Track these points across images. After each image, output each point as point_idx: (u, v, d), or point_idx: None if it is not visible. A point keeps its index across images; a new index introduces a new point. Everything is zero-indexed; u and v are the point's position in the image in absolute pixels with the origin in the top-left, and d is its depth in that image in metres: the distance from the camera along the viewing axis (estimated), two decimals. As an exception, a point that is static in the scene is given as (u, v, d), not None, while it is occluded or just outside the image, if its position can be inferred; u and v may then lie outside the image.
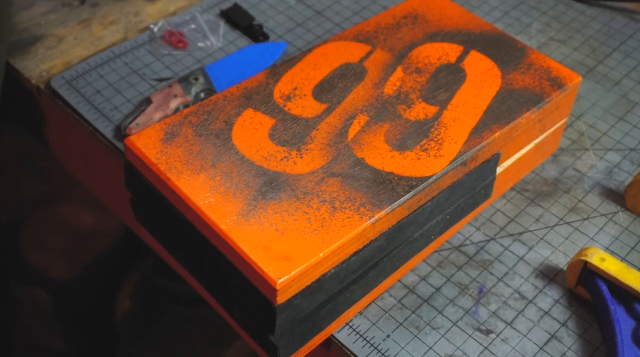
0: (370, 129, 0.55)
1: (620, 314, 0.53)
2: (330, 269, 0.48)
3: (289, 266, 0.45)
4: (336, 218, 0.48)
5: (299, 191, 0.50)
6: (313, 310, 0.49)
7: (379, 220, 0.49)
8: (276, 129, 0.54)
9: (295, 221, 0.48)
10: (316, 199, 0.49)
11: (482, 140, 0.54)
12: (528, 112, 0.56)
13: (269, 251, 0.46)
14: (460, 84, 0.58)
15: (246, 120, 0.54)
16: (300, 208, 0.49)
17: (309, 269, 0.46)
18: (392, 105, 0.56)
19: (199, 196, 0.49)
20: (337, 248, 0.47)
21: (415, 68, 0.59)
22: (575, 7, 0.81)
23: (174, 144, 0.52)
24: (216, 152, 0.52)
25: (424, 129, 0.55)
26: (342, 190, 0.50)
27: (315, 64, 0.59)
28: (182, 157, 0.51)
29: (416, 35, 0.62)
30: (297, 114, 0.55)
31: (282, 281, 0.44)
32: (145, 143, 0.52)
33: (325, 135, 0.54)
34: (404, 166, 0.52)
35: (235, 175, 0.50)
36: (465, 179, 0.54)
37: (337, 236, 0.47)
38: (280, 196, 0.49)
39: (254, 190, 0.50)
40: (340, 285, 0.49)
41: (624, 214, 0.62)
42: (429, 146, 0.53)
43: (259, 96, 0.56)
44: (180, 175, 0.50)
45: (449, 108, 0.56)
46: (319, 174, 0.51)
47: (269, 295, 0.45)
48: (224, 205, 0.48)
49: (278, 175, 0.51)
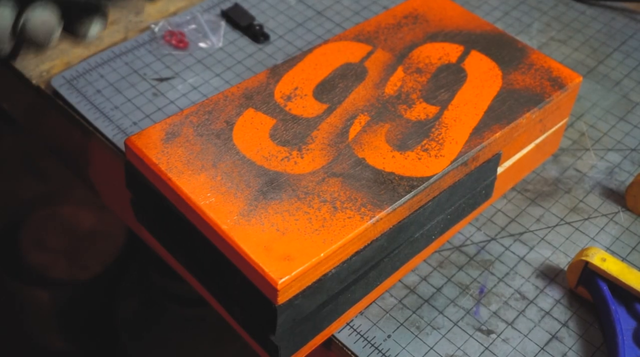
0: (371, 129, 0.54)
1: (621, 314, 0.53)
2: (331, 269, 0.48)
3: (289, 266, 0.45)
4: (337, 218, 0.48)
5: (300, 191, 0.50)
6: (314, 310, 0.49)
7: (379, 220, 0.49)
8: (277, 129, 0.54)
9: (296, 221, 0.48)
10: (317, 199, 0.49)
11: (483, 140, 0.54)
12: (529, 112, 0.56)
13: (269, 251, 0.46)
14: (461, 84, 0.58)
15: (247, 120, 0.54)
16: (301, 208, 0.49)
17: (310, 269, 0.46)
18: (393, 106, 0.56)
19: (199, 196, 0.49)
20: (338, 248, 0.47)
21: (415, 68, 0.59)
22: (575, 7, 0.81)
23: (175, 144, 0.52)
24: (217, 152, 0.52)
25: (425, 129, 0.55)
26: (343, 190, 0.50)
27: (315, 64, 0.59)
28: (182, 157, 0.51)
29: (417, 35, 0.62)
30: (298, 114, 0.55)
31: (283, 281, 0.44)
32: (146, 143, 0.52)
33: (326, 135, 0.54)
34: (405, 166, 0.52)
35: (236, 175, 0.50)
36: (466, 179, 0.54)
37: (338, 236, 0.47)
38: (281, 196, 0.49)
39: (255, 190, 0.50)
40: (341, 285, 0.49)
41: (625, 214, 0.62)
42: (430, 146, 0.53)
43: (260, 96, 0.56)
44: (181, 175, 0.50)
45: (449, 108, 0.56)
46: (320, 174, 0.51)
47: (269, 295, 0.45)
48: (224, 205, 0.48)
49: (279, 175, 0.51)
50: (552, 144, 0.64)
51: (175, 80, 0.70)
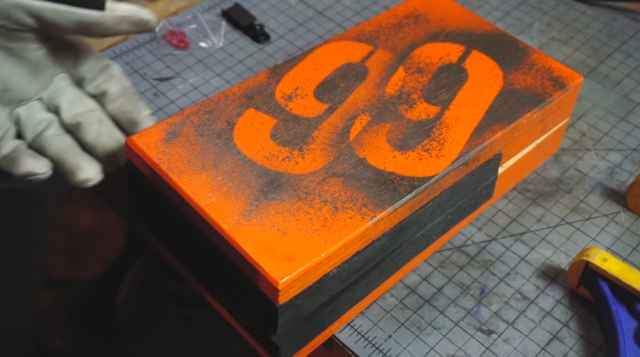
0: (372, 129, 0.54)
1: (622, 314, 0.53)
2: (332, 269, 0.48)
3: (291, 266, 0.45)
4: (338, 218, 0.48)
5: (301, 191, 0.50)
6: (315, 310, 0.49)
7: (380, 220, 0.49)
8: (278, 129, 0.54)
9: (297, 221, 0.48)
10: (318, 199, 0.49)
11: (484, 140, 0.54)
12: (530, 112, 0.56)
13: (271, 251, 0.46)
14: (461, 84, 0.58)
15: (248, 120, 0.54)
16: (302, 208, 0.49)
17: (311, 269, 0.46)
18: (394, 105, 0.56)
19: (200, 195, 0.49)
20: (339, 248, 0.47)
21: (416, 68, 0.59)
22: (576, 7, 0.81)
23: (176, 143, 0.52)
24: (218, 152, 0.52)
25: (426, 129, 0.55)
26: (344, 190, 0.50)
27: (316, 64, 0.59)
28: (183, 157, 0.51)
29: (418, 35, 0.62)
30: (299, 114, 0.55)
31: (284, 281, 0.44)
32: (147, 143, 0.52)
33: (326, 135, 0.54)
34: (406, 166, 0.52)
35: (237, 175, 0.50)
36: (467, 179, 0.54)
37: (339, 236, 0.47)
38: (282, 196, 0.49)
39: (256, 190, 0.50)
40: (342, 285, 0.49)
41: (626, 214, 0.62)
42: (431, 146, 0.53)
43: (261, 96, 0.56)
44: (182, 175, 0.50)
45: (450, 108, 0.56)
46: (321, 174, 0.51)
47: (271, 295, 0.45)
48: (225, 205, 0.48)
49: (280, 175, 0.51)
50: (553, 144, 0.64)
51: (175, 80, 0.70)
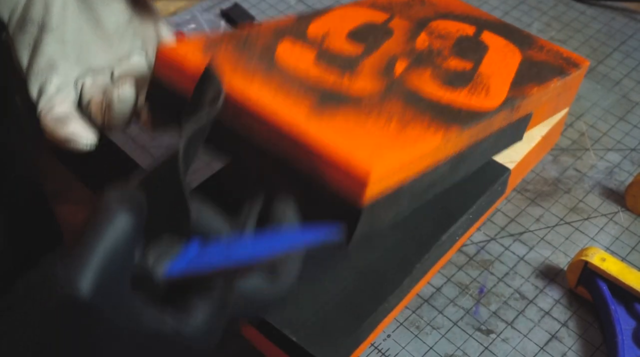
0: (414, 71, 0.53)
1: (621, 314, 0.53)
2: (407, 181, 0.45)
3: (377, 160, 0.41)
4: (408, 132, 0.45)
5: (364, 107, 0.46)
6: (364, 302, 0.47)
7: (450, 141, 0.47)
8: (321, 57, 0.51)
9: (367, 128, 0.45)
10: (384, 114, 0.46)
11: (524, 91, 0.54)
12: (556, 77, 0.57)
13: (352, 144, 0.42)
14: (484, 52, 0.58)
15: (287, 48, 0.51)
16: (368, 120, 0.45)
17: (395, 170, 0.43)
18: (428, 57, 0.55)
19: (264, 96, 0.44)
20: (416, 158, 0.45)
21: (438, 34, 0.59)
22: (575, 7, 0.81)
23: (217, 55, 0.48)
24: (264, 68, 0.48)
25: (467, 77, 0.54)
26: (407, 110, 0.47)
27: (341, 17, 0.56)
28: (231, 62, 0.47)
29: (428, 12, 0.62)
30: (336, 52, 0.52)
31: (376, 170, 0.40)
32: (185, 52, 0.47)
33: (372, 68, 0.51)
34: (461, 101, 0.50)
35: (290, 87, 0.46)
36: (507, 129, 0.54)
37: (415, 147, 0.45)
38: (345, 109, 0.46)
39: (315, 102, 0.46)
40: (409, 203, 0.46)
41: (625, 214, 0.62)
42: (477, 90, 0.53)
43: (293, 33, 0.52)
44: (235, 79, 0.45)
45: (482, 65, 0.56)
46: (377, 96, 0.48)
47: (355, 190, 0.41)
48: (292, 106, 0.44)
49: (335, 92, 0.47)
50: (554, 135, 0.64)
51: (175, 80, 0.70)
